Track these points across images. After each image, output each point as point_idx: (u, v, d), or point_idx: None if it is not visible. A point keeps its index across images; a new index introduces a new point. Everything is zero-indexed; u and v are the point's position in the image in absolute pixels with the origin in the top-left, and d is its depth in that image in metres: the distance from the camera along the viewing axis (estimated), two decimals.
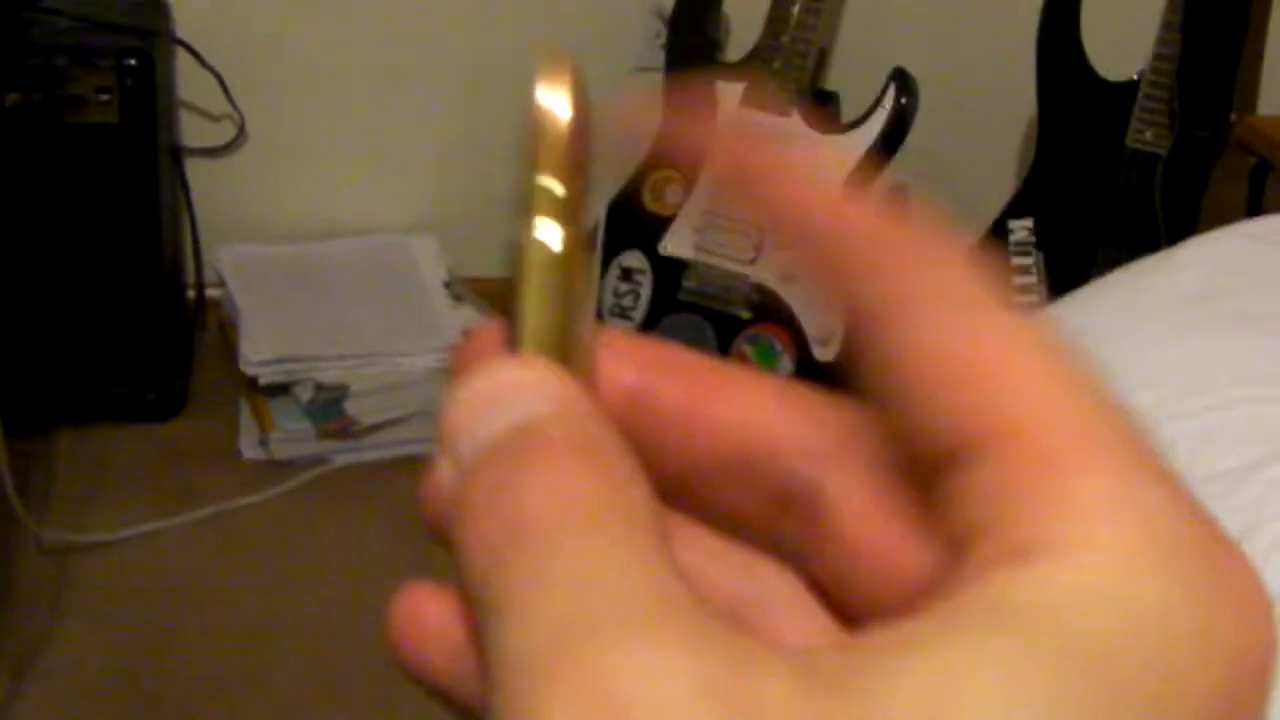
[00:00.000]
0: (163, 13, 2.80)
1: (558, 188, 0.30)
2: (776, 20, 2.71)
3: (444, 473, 0.28)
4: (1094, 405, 0.26)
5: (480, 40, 3.04)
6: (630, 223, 2.81)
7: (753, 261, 2.70)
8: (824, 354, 2.65)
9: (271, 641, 2.29)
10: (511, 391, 0.28)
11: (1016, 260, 2.68)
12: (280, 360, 2.65)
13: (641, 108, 0.31)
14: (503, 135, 3.08)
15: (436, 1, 2.99)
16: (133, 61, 2.53)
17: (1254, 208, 2.54)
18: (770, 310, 2.68)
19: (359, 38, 2.98)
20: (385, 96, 3.05)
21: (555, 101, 0.30)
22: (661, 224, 2.78)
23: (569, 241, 0.29)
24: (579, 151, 0.30)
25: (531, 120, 0.30)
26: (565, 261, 0.29)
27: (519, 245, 0.29)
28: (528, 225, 0.29)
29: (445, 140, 3.11)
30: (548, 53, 0.29)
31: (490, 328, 0.30)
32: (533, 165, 0.30)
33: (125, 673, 2.21)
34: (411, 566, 0.56)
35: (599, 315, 2.82)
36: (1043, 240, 2.67)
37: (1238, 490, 1.38)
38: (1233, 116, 2.51)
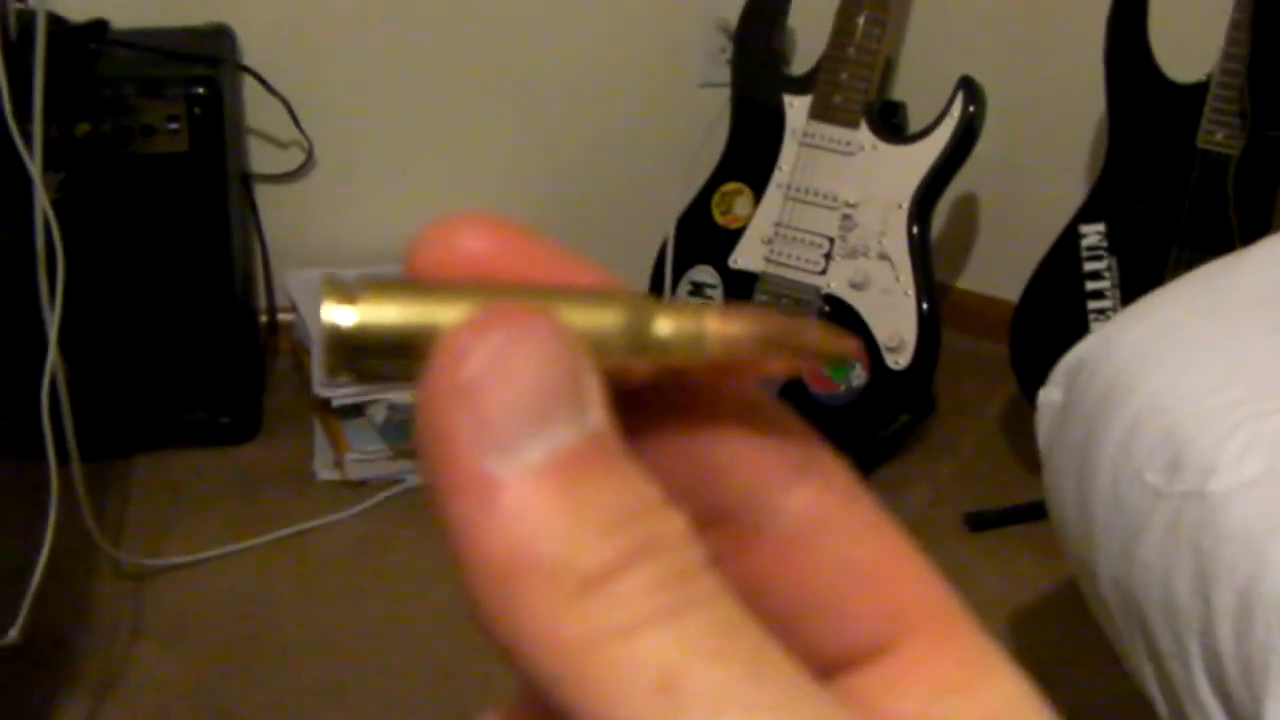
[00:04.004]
0: (229, 41, 2.81)
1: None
2: (842, 32, 2.70)
3: (471, 454, 0.24)
4: (958, 605, 0.30)
5: (546, 60, 3.05)
6: (699, 237, 2.80)
7: (823, 272, 2.69)
8: (896, 363, 2.64)
9: (348, 660, 2.29)
10: (573, 390, 0.25)
11: (1089, 265, 2.66)
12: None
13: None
14: (570, 154, 3.09)
15: (502, 24, 3.00)
16: (201, 90, 2.54)
17: None
18: (841, 320, 2.67)
19: (424, 60, 3.00)
20: (451, 117, 3.06)
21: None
22: (731, 238, 2.77)
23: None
24: None
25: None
26: None
27: None
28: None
29: (512, 159, 3.12)
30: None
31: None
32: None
33: (204, 693, 2.22)
34: None
35: None
36: (1115, 244, 2.65)
37: None
38: None
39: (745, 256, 2.76)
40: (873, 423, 2.74)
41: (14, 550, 2.17)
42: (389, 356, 0.27)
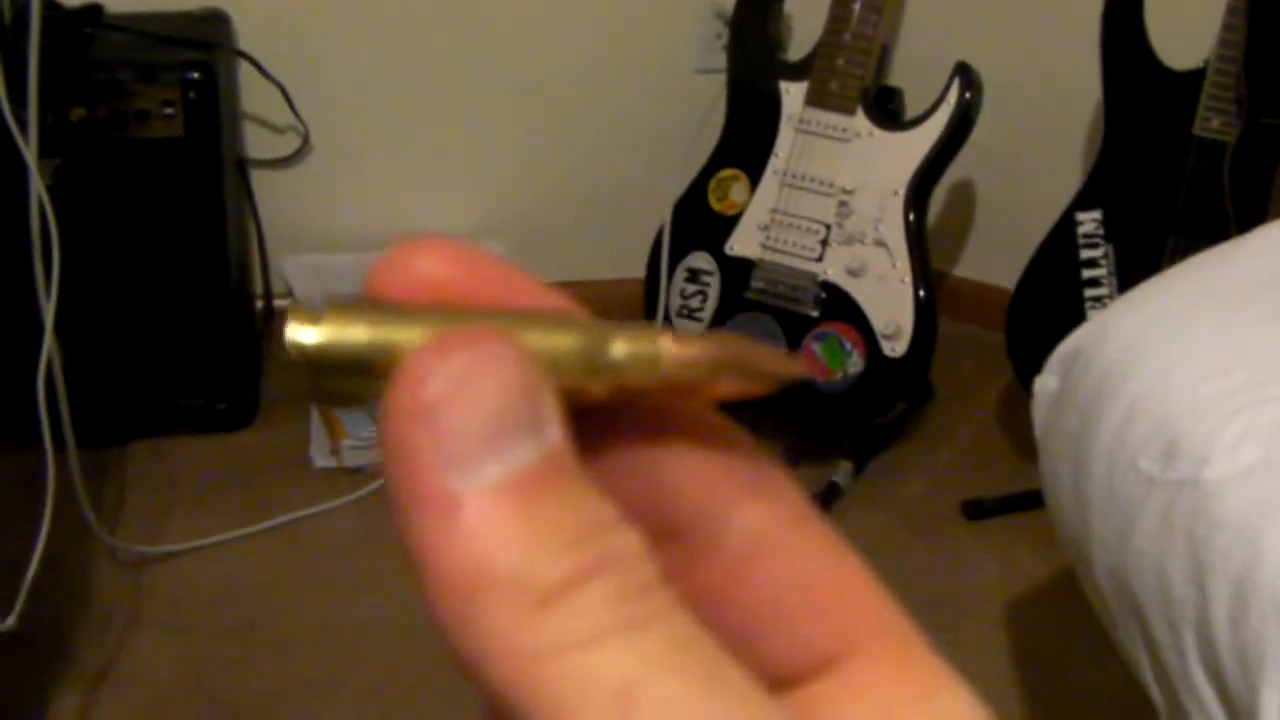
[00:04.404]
0: (225, 25, 2.81)
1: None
2: (838, 18, 2.70)
3: (432, 473, 0.25)
4: (907, 623, 0.30)
5: (542, 46, 3.05)
6: (696, 224, 2.80)
7: (819, 259, 2.69)
8: (893, 350, 2.64)
9: (346, 648, 2.29)
10: (530, 411, 0.25)
11: (1085, 253, 2.66)
12: None
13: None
14: (566, 140, 3.09)
15: (498, 9, 2.99)
16: (196, 75, 2.54)
17: None
18: (838, 307, 2.67)
19: (420, 46, 2.99)
20: (448, 103, 3.06)
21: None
22: (727, 224, 2.77)
23: None
24: None
25: None
26: None
27: None
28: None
29: (509, 145, 3.12)
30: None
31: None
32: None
33: (200, 681, 2.22)
34: None
35: (667, 318, 2.81)
36: (1111, 232, 2.65)
37: None
38: None
39: (742, 243, 2.76)
40: (869, 410, 2.74)
41: (11, 538, 2.17)
42: (352, 376, 0.27)
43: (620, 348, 0.28)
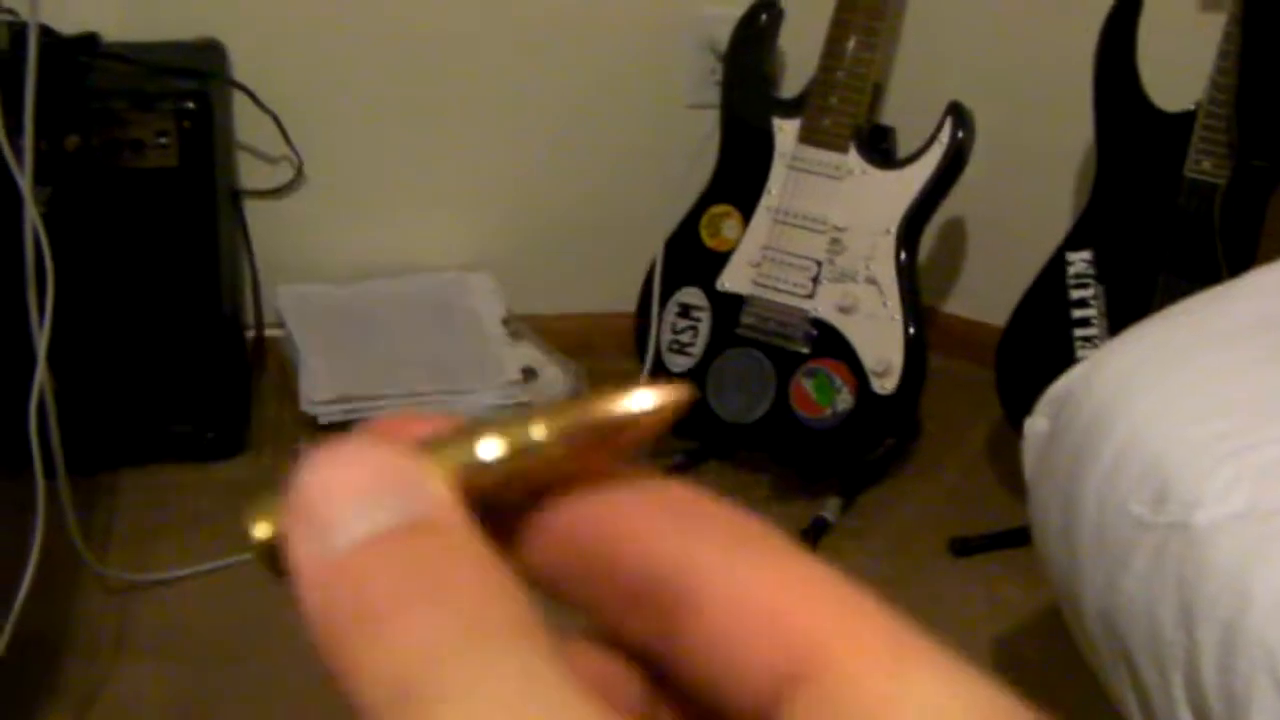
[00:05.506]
0: (220, 56, 2.82)
1: None
2: (832, 55, 2.70)
3: (306, 550, 0.29)
4: (879, 612, 0.29)
5: (535, 80, 3.05)
6: (688, 259, 2.81)
7: (810, 296, 2.69)
8: (882, 387, 2.65)
9: (333, 679, 2.28)
10: (397, 481, 0.28)
11: (1075, 293, 2.67)
12: (340, 400, 2.67)
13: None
14: (558, 173, 3.09)
15: (493, 41, 3.00)
16: (191, 105, 2.54)
17: None
18: (828, 344, 2.67)
19: (415, 77, 3.00)
20: (441, 135, 3.06)
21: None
22: (719, 260, 2.78)
23: None
24: None
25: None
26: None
27: None
28: None
29: (501, 178, 3.12)
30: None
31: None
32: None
33: (189, 710, 2.21)
34: None
35: (657, 352, 2.82)
36: (1102, 272, 2.65)
37: None
38: None
39: (733, 279, 2.76)
40: (858, 447, 2.74)
41: None
42: None
43: (495, 444, 0.29)
